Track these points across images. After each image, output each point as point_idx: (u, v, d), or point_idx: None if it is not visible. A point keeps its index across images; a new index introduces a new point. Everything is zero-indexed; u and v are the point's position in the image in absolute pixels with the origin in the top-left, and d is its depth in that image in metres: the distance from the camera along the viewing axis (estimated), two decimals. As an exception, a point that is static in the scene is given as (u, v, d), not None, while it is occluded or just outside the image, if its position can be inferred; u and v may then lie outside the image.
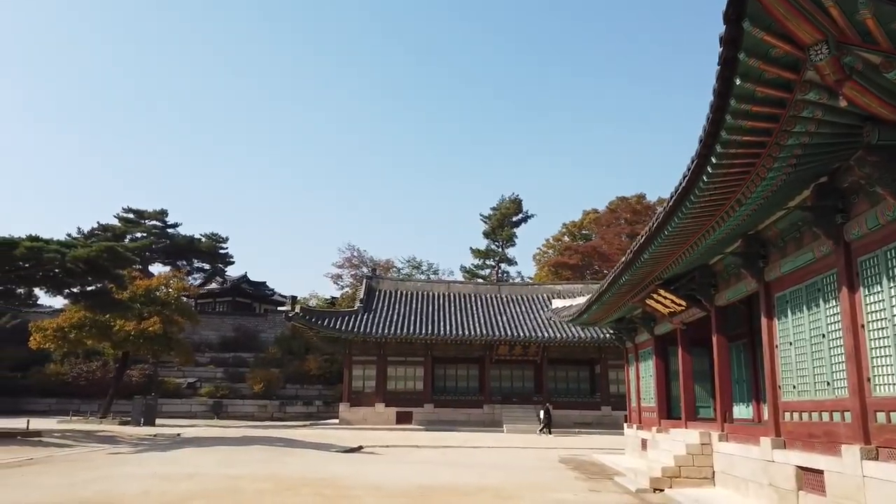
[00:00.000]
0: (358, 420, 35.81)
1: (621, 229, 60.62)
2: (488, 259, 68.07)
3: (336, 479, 15.11)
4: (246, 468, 16.82)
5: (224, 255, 67.07)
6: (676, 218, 10.18)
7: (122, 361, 38.92)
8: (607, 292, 17.13)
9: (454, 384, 39.34)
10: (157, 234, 62.81)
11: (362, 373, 37.78)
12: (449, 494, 13.01)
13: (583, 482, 15.52)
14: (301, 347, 48.59)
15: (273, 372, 46.50)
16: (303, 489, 13.22)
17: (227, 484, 13.70)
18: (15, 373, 44.59)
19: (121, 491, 12.49)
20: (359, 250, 63.82)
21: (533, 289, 45.20)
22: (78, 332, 34.92)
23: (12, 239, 26.40)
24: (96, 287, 31.02)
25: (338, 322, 37.28)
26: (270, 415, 43.56)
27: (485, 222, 69.09)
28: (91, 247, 28.97)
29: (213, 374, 47.83)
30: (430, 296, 42.38)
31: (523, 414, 36.10)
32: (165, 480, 14.12)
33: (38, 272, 28.33)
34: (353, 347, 37.76)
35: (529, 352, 38.29)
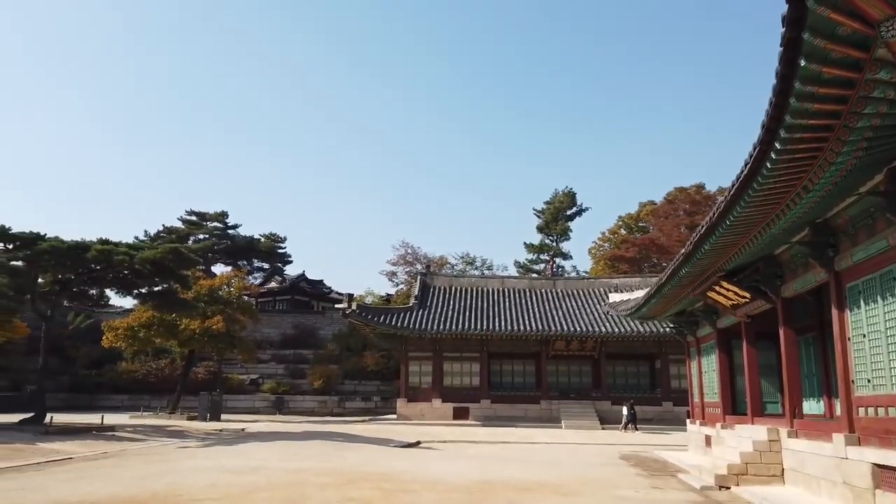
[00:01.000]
0: (415, 415, 36.11)
1: (680, 220, 59.07)
2: (542, 253, 67.44)
3: (395, 473, 15.27)
4: (307, 462, 17.18)
5: (282, 255, 68.53)
6: (739, 207, 9.85)
7: (189, 359, 40.31)
8: (666, 285, 16.72)
9: (510, 380, 39.18)
10: (219, 236, 64.70)
11: (418, 368, 38.04)
12: (508, 490, 12.97)
13: (644, 479, 15.23)
14: (358, 344, 49.29)
15: (332, 368, 47.33)
16: (363, 483, 13.41)
17: (289, 477, 14.03)
18: (90, 370, 46.81)
19: (189, 483, 12.95)
20: (413, 247, 64.25)
21: (589, 283, 44.57)
22: (147, 331, 36.39)
23: (84, 242, 27.74)
24: (163, 287, 32.27)
25: (393, 319, 37.64)
26: (330, 410, 44.37)
27: (538, 217, 68.49)
28: (157, 249, 30.15)
29: (275, 371, 49.04)
30: (485, 291, 42.32)
31: (581, 410, 35.67)
32: (231, 473, 14.55)
33: (108, 274, 29.68)
34: (409, 343, 38.06)
35: (586, 347, 37.78)
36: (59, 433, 23.58)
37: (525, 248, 67.69)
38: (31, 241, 26.36)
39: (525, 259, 67.64)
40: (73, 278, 29.18)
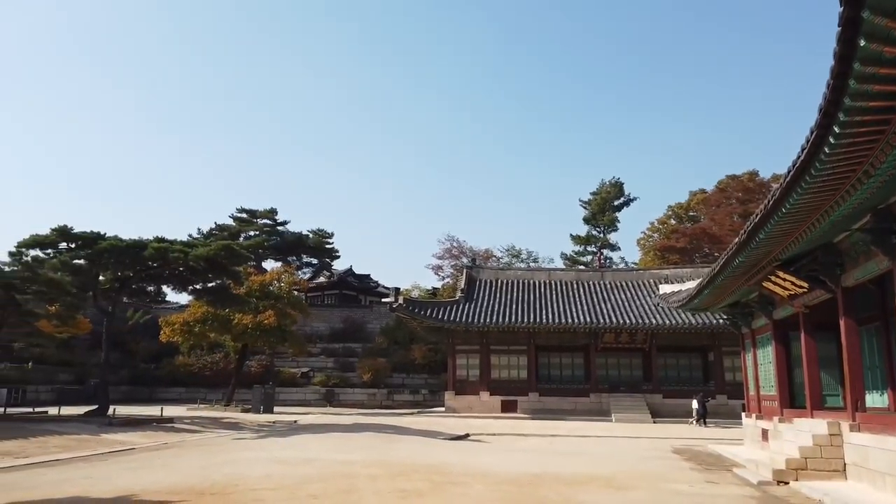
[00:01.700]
0: (463, 408, 36.21)
1: (732, 209, 57.44)
2: (589, 245, 66.60)
3: (444, 465, 15.37)
4: (358, 454, 17.44)
5: (330, 250, 69.50)
6: (795, 194, 9.53)
7: (242, 353, 41.35)
8: (720, 276, 16.31)
9: (559, 373, 38.88)
10: (269, 232, 66.02)
11: (466, 362, 38.10)
12: (558, 483, 12.90)
13: (699, 473, 14.94)
14: (406, 337, 49.69)
15: (380, 361, 47.88)
16: (413, 475, 13.54)
17: (341, 469, 14.28)
18: (149, 364, 48.53)
19: (246, 474, 13.31)
20: (458, 241, 64.29)
21: (638, 274, 43.80)
22: (202, 326, 37.50)
23: (141, 241, 28.72)
24: (217, 283, 33.19)
25: (440, 312, 37.79)
26: (379, 403, 44.92)
27: (584, 208, 67.64)
28: (210, 246, 30.97)
29: (325, 364, 49.90)
30: (531, 284, 42.06)
31: (631, 403, 35.16)
32: (285, 465, 14.90)
33: (165, 271, 30.67)
34: (456, 337, 38.15)
35: (637, 339, 37.18)
36: (122, 425, 24.53)
37: (571, 239, 67.02)
38: (92, 240, 27.42)
39: (572, 251, 66.98)
40: (131, 276, 30.24)
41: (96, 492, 11.08)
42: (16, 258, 27.57)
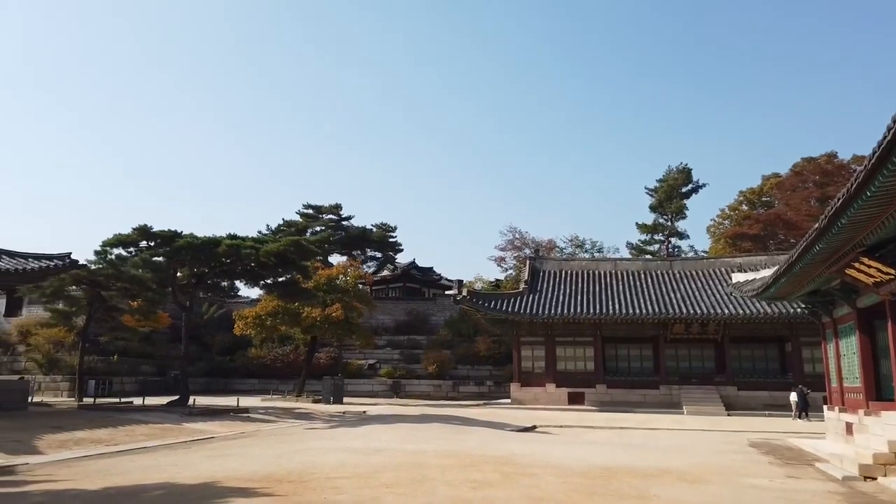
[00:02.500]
0: (529, 400, 36.07)
1: (809, 193, 54.84)
2: (656, 234, 64.91)
3: (514, 457, 15.37)
4: (428, 444, 17.66)
5: (393, 244, 70.22)
6: (882, 176, 9.03)
7: (311, 345, 42.41)
8: (798, 263, 15.62)
9: (627, 364, 38.19)
10: (334, 227, 67.27)
11: (531, 353, 37.89)
12: (630, 476, 12.71)
13: (778, 468, 14.41)
14: (470, 329, 49.80)
15: (444, 353, 48.17)
16: (483, 466, 13.61)
17: (412, 459, 14.49)
18: (224, 356, 50.40)
19: (320, 462, 13.69)
20: (520, 232, 63.79)
21: (709, 263, 42.44)
22: (273, 320, 38.68)
23: (215, 238, 29.82)
24: (286, 278, 34.12)
25: (504, 304, 37.69)
26: (445, 394, 45.23)
27: (651, 195, 65.96)
28: (280, 242, 31.86)
29: (391, 356, 50.60)
30: (596, 274, 41.40)
31: (704, 395, 34.19)
32: (357, 454, 15.24)
33: (237, 267, 31.72)
34: (521, 328, 37.99)
35: (708, 330, 36.09)
36: (201, 414, 25.61)
37: (637, 228, 65.50)
38: (170, 238, 28.66)
39: (638, 240, 65.47)
40: (206, 272, 31.44)
41: (182, 478, 11.63)
42: (101, 257, 29.09)
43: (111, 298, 31.89)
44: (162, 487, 10.76)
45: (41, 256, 25.34)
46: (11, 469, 12.93)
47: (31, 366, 39.31)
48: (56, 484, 11.14)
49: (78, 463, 13.88)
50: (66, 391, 35.44)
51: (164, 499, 9.89)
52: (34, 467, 13.19)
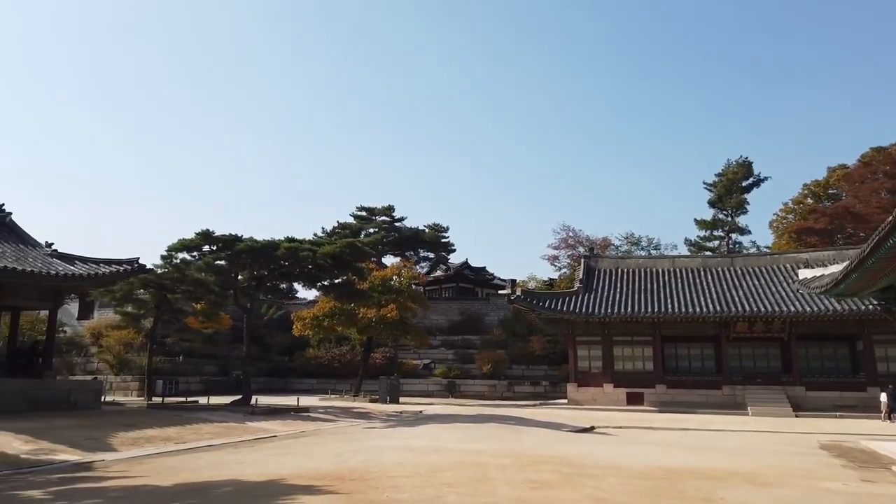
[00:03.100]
0: (586, 400, 35.58)
1: (879, 184, 52.27)
2: (716, 230, 63.02)
3: (572, 457, 15.20)
4: (485, 444, 17.64)
5: (446, 244, 70.42)
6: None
7: (367, 345, 42.99)
8: (870, 258, 14.93)
9: (687, 364, 37.23)
10: (387, 229, 67.96)
11: (587, 353, 37.37)
12: (694, 478, 12.40)
13: (853, 471, 13.80)
14: (524, 329, 49.52)
15: (499, 353, 48.03)
16: (542, 466, 13.50)
17: (470, 458, 14.49)
18: (283, 356, 51.60)
19: (380, 461, 13.84)
20: (574, 230, 62.91)
21: (772, 259, 40.95)
22: (329, 320, 39.41)
23: (274, 241, 30.56)
24: (342, 279, 34.70)
25: (558, 303, 37.29)
26: (500, 394, 45.10)
27: (709, 190, 64.09)
28: (335, 244, 32.44)
29: (445, 356, 50.78)
30: (654, 272, 40.51)
31: (769, 395, 33.01)
32: (416, 453, 15.34)
33: (295, 269, 32.44)
34: (576, 328, 37.51)
35: (773, 328, 34.81)
36: (263, 414, 26.26)
37: (696, 224, 63.72)
38: (231, 242, 29.53)
39: (696, 236, 63.71)
40: (266, 274, 32.26)
41: (248, 475, 11.96)
42: (167, 261, 30.25)
43: (176, 301, 33.09)
44: (230, 484, 11.08)
45: (111, 262, 26.48)
46: (89, 465, 13.57)
47: (103, 366, 41.14)
48: (131, 480, 11.62)
49: (150, 460, 14.45)
50: (136, 391, 36.91)
51: (232, 495, 10.19)
52: (110, 464, 13.80)
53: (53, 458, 14.25)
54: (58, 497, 10.09)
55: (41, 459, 13.96)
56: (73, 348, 43.84)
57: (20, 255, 24.21)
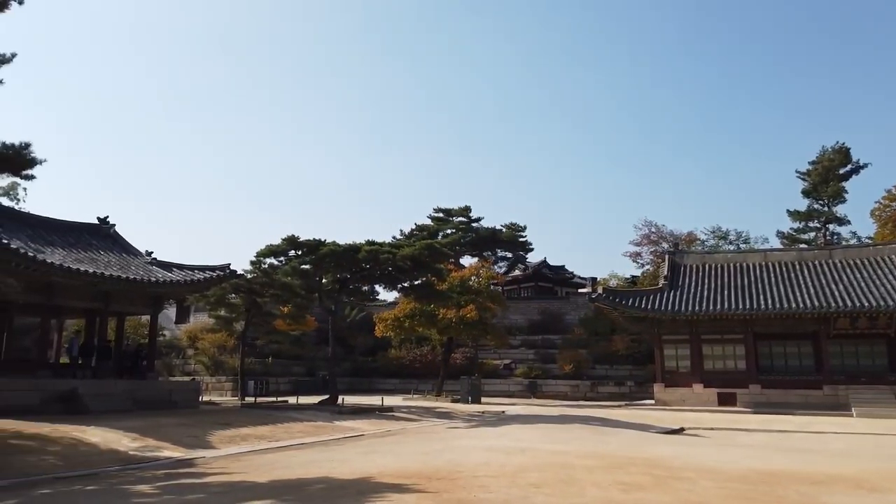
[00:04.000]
0: (675, 401, 34.44)
1: None
2: (811, 221, 59.55)
3: (662, 459, 14.77)
4: (570, 445, 17.40)
5: (523, 243, 69.93)
6: None
7: (447, 345, 43.29)
8: None
9: (783, 363, 35.35)
10: (464, 229, 68.16)
11: (674, 352, 36.17)
12: (795, 482, 11.79)
13: (977, 478, 12.73)
14: (606, 328, 48.50)
15: (580, 353, 47.26)
16: (630, 468, 13.19)
17: (556, 459, 14.33)
18: (366, 357, 52.75)
19: (465, 461, 13.91)
20: (657, 225, 60.97)
21: (876, 250, 38.29)
22: (410, 321, 39.96)
23: (356, 245, 31.36)
24: (421, 280, 35.18)
25: (642, 301, 36.30)
26: (583, 394, 44.36)
27: (803, 179, 60.69)
28: (414, 246, 32.93)
29: (525, 356, 50.42)
30: (744, 267, 38.74)
31: (876, 396, 30.90)
32: (500, 453, 15.31)
33: (376, 271, 33.16)
34: (662, 326, 36.39)
35: (879, 324, 32.56)
36: (350, 413, 26.93)
37: (789, 216, 60.44)
38: (315, 246, 30.52)
39: (789, 229, 60.42)
40: (348, 277, 33.12)
41: (338, 473, 12.30)
42: (255, 266, 31.60)
43: (265, 304, 34.45)
44: (322, 482, 11.44)
45: (205, 268, 27.91)
46: (191, 462, 14.34)
47: (199, 367, 43.35)
48: (229, 476, 12.19)
49: (246, 457, 15.12)
50: (230, 391, 38.67)
51: (325, 492, 10.51)
52: (210, 460, 14.53)
53: (158, 454, 15.14)
54: (165, 491, 10.72)
55: (147, 456, 14.87)
56: (172, 351, 46.41)
57: (124, 264, 25.88)
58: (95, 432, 16.75)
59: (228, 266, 27.93)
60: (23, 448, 14.70)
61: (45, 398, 21.14)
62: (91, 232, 27.57)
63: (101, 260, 25.33)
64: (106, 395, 22.88)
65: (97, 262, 24.78)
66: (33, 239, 23.33)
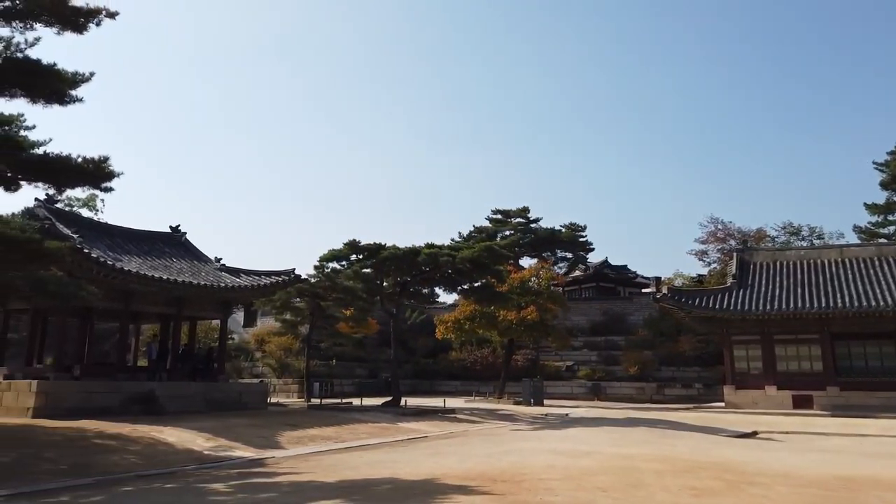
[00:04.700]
0: (746, 404, 33.23)
1: None
2: (890, 214, 56.38)
3: (733, 464, 14.32)
4: (636, 448, 17.05)
5: (583, 243, 69.01)
6: None
7: (509, 347, 43.09)
8: None
9: (863, 364, 33.53)
10: (522, 230, 67.80)
11: (745, 353, 34.90)
12: (878, 488, 11.23)
13: None
14: (671, 328, 47.28)
15: (645, 354, 46.23)
16: (700, 472, 12.83)
17: (622, 463, 14.08)
18: (427, 359, 53.09)
19: (530, 463, 13.83)
20: (723, 222, 58.92)
21: (963, 243, 36.04)
22: (470, 323, 39.98)
23: (415, 248, 31.66)
24: (481, 282, 35.20)
25: (709, 301, 35.20)
26: (649, 397, 43.35)
27: (881, 171, 57.44)
28: (473, 248, 33.00)
29: (588, 358, 49.67)
30: (818, 264, 37.03)
31: (966, 398, 29.04)
32: (565, 456, 15.15)
33: (436, 274, 33.38)
34: (731, 326, 35.18)
35: (968, 322, 30.62)
36: (413, 414, 27.17)
37: (866, 209, 57.26)
38: (376, 250, 30.98)
39: (867, 223, 57.25)
40: (409, 280, 33.47)
41: (404, 474, 12.44)
42: (319, 270, 32.35)
43: (328, 308, 35.19)
44: (388, 482, 11.59)
45: (271, 273, 28.74)
46: (262, 462, 14.78)
47: (267, 370, 44.61)
48: (298, 476, 12.50)
49: (313, 457, 15.47)
50: (296, 392, 39.61)
51: (392, 492, 10.65)
52: (279, 460, 14.94)
53: (231, 454, 15.67)
54: (238, 490, 11.09)
55: (221, 456, 15.41)
56: (241, 354, 47.90)
57: (195, 270, 26.92)
58: (172, 432, 17.47)
59: (293, 271, 28.67)
60: (106, 447, 15.48)
61: (125, 399, 22.18)
62: (164, 240, 28.79)
63: (174, 267, 26.42)
64: (180, 396, 23.83)
65: (170, 268, 25.87)
66: (111, 248, 24.54)
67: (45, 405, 19.91)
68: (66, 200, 39.18)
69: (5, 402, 20.87)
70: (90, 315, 26.43)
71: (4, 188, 15.65)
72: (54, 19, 13.74)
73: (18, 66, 13.80)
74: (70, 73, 14.51)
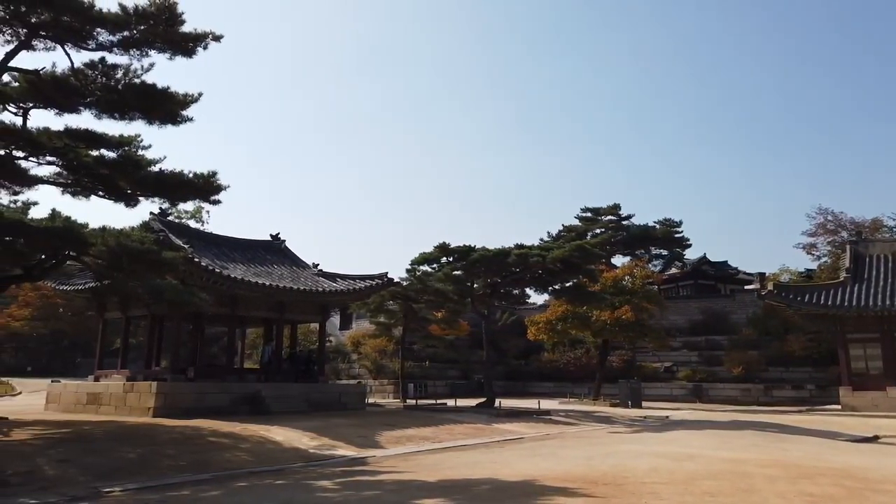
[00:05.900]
0: (865, 406, 30.98)
1: None
2: None
3: (855, 469, 13.39)
4: (744, 452, 16.27)
5: (679, 240, 66.65)
6: None
7: (603, 348, 42.21)
8: None
9: None
10: (614, 228, 66.29)
11: (862, 352, 32.55)
12: None
13: None
14: (778, 327, 44.78)
15: (751, 354, 44.00)
16: (818, 478, 12.09)
17: (730, 467, 13.48)
18: (519, 360, 52.85)
19: (631, 466, 13.48)
20: (833, 213, 55.16)
21: None
22: (563, 324, 39.48)
23: (505, 249, 31.65)
24: (572, 282, 34.70)
25: (820, 297, 33.11)
26: (755, 399, 41.22)
27: None
28: (564, 248, 32.56)
29: (688, 358, 47.85)
30: (944, 254, 34.11)
31: None
32: (668, 459, 14.66)
33: (526, 274, 33.23)
34: (846, 324, 32.91)
35: None
36: (507, 416, 27.12)
37: None
38: (466, 252, 31.21)
39: None
40: (499, 281, 33.49)
41: (503, 475, 12.46)
42: (411, 273, 32.98)
43: (420, 310, 35.79)
44: (487, 482, 11.66)
45: (365, 277, 29.54)
46: (364, 460, 15.23)
47: (363, 371, 45.87)
48: (400, 475, 12.80)
49: (413, 457, 15.77)
50: (391, 393, 40.49)
51: (491, 493, 10.71)
52: (380, 459, 15.34)
53: (334, 453, 16.24)
54: (344, 487, 11.49)
55: (325, 454, 16.00)
56: (338, 356, 49.50)
57: (294, 276, 28.09)
58: (279, 431, 18.30)
59: (386, 274, 29.34)
60: (220, 445, 16.43)
61: (234, 400, 23.45)
62: (265, 248, 30.21)
63: (275, 273, 27.69)
64: (284, 397, 24.92)
65: (272, 275, 27.13)
66: (218, 256, 26.03)
67: (164, 405, 21.40)
68: (176, 213, 41.98)
69: (129, 403, 22.58)
70: (201, 320, 28.13)
71: (125, 204, 16.98)
72: (167, 46, 14.79)
73: (137, 91, 14.94)
74: (181, 94, 15.57)
